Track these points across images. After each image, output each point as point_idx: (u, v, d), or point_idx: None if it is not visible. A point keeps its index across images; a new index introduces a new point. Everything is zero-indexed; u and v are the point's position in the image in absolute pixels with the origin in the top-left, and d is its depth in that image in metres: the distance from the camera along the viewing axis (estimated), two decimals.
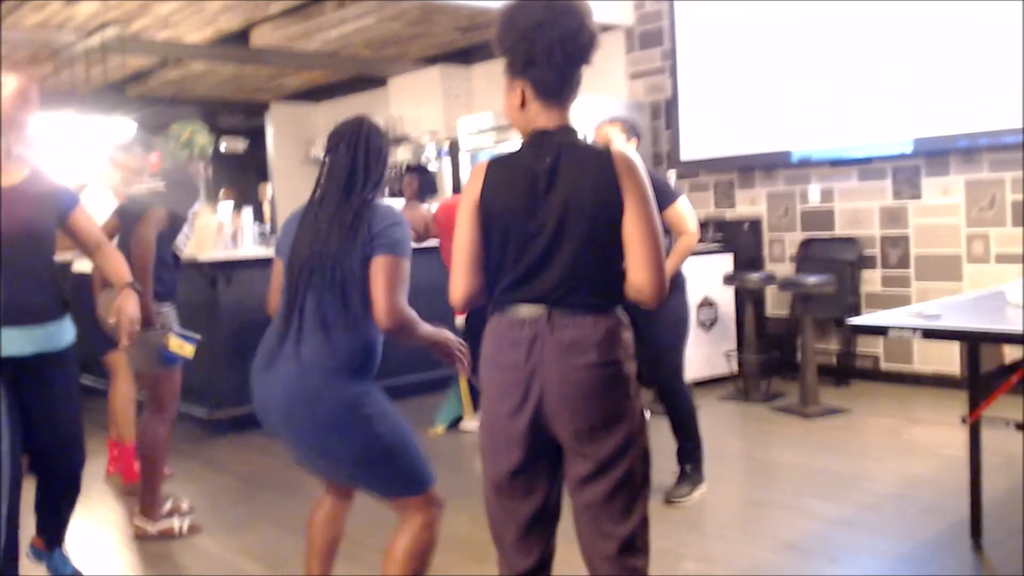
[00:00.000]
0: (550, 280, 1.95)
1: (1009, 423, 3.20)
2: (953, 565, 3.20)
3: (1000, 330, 2.93)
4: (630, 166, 1.96)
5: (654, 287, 1.95)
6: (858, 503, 3.88)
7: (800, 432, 5.16)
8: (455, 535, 3.72)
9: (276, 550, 3.64)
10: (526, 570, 2.08)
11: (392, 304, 2.32)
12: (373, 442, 2.38)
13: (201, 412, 5.73)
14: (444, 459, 4.93)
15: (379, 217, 2.38)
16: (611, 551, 1.99)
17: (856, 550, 3.38)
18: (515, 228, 1.96)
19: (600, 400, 1.95)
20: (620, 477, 1.98)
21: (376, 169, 2.46)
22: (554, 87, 1.99)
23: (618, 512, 1.99)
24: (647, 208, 1.95)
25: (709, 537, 3.60)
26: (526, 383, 1.96)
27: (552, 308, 1.95)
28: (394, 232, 2.37)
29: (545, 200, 1.94)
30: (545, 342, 1.94)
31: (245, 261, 5.76)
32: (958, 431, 3.47)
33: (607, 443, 1.96)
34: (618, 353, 1.97)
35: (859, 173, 6.33)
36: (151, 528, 3.82)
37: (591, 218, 1.93)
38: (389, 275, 2.33)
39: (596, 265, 1.96)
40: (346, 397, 2.36)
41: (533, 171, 1.96)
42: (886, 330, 2.99)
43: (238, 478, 4.88)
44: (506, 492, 2.05)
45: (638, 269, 1.95)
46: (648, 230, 1.95)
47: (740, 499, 4.18)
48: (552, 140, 1.97)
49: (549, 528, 2.09)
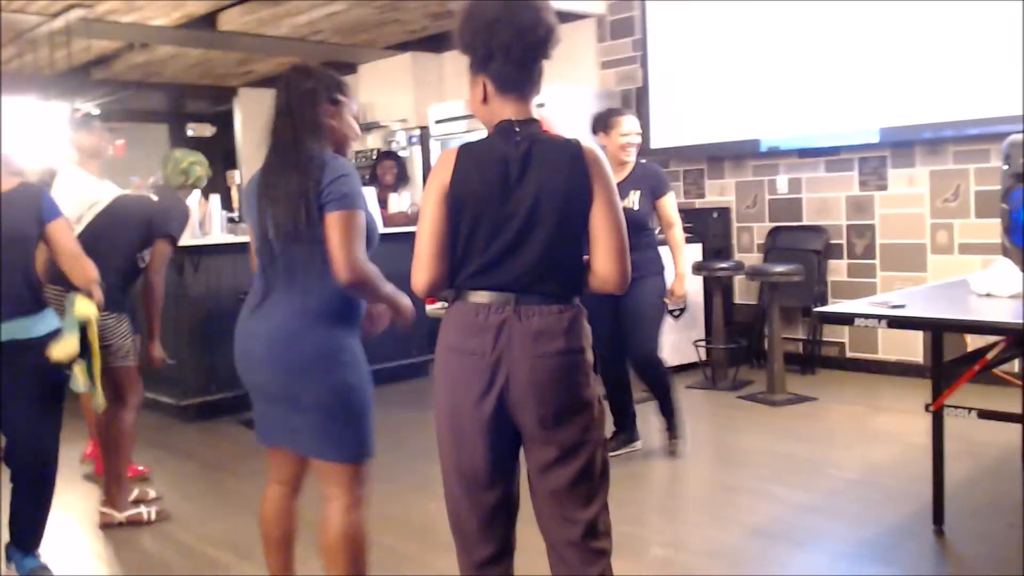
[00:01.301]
0: (519, 268, 1.96)
1: (971, 411, 3.25)
2: (916, 550, 3.25)
3: (964, 319, 2.98)
4: (598, 159, 2.01)
5: (619, 276, 2.01)
6: (823, 489, 3.94)
7: (767, 419, 5.22)
8: (421, 523, 3.73)
9: (245, 537, 3.62)
10: (487, 558, 2.10)
11: (348, 258, 2.28)
12: (342, 392, 2.37)
13: (169, 399, 5.68)
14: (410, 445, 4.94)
15: (328, 171, 2.33)
16: (575, 536, 2.02)
17: (821, 535, 3.43)
18: (487, 215, 1.96)
19: (566, 387, 1.98)
20: (584, 462, 2.01)
21: (309, 112, 2.42)
22: (514, 81, 2.01)
23: (582, 497, 2.02)
24: (614, 200, 2.01)
25: (676, 522, 3.64)
26: (491, 370, 1.96)
27: (519, 295, 1.97)
28: (342, 185, 2.32)
29: (518, 188, 1.96)
30: (513, 329, 1.96)
31: (213, 247, 5.72)
32: (922, 419, 3.52)
33: (570, 429, 2.00)
34: (581, 342, 2.01)
35: (826, 164, 6.39)
36: (118, 515, 3.80)
37: (561, 208, 1.96)
38: (342, 230, 2.29)
39: (563, 254, 1.99)
40: (326, 341, 2.37)
41: (506, 159, 1.97)
42: (852, 319, 3.03)
43: (207, 465, 4.86)
44: (470, 481, 2.06)
45: (605, 259, 2.00)
46: (615, 221, 1.99)
47: (707, 485, 4.22)
48: (522, 130, 2.00)
49: (511, 517, 2.12)
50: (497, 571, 2.12)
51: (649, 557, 3.26)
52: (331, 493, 2.44)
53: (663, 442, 4.55)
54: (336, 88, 2.49)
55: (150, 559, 3.53)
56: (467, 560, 2.13)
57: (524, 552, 2.19)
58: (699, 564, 3.21)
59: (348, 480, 2.43)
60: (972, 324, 3.01)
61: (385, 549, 3.21)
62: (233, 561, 3.41)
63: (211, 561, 3.44)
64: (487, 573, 2.11)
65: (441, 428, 2.09)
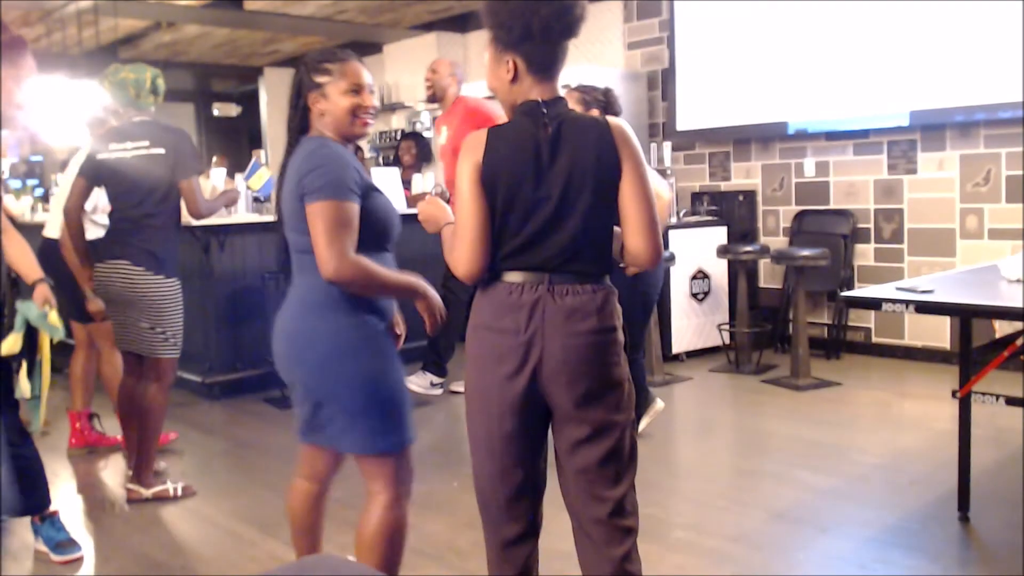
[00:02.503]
0: (553, 248, 1.97)
1: (999, 397, 3.22)
2: (940, 536, 3.23)
3: (994, 305, 2.94)
4: (626, 134, 2.00)
5: (650, 251, 2.00)
6: (847, 474, 3.92)
7: (791, 404, 5.19)
8: (445, 501, 3.76)
9: (270, 513, 3.66)
10: (514, 536, 2.11)
11: (328, 253, 2.16)
12: (367, 383, 2.28)
13: (195, 377, 5.74)
14: (432, 424, 4.96)
15: (301, 156, 2.27)
16: (603, 514, 2.03)
17: (845, 520, 3.42)
18: (520, 196, 1.95)
19: (598, 366, 1.99)
20: (614, 441, 2.02)
21: (298, 102, 2.36)
22: (548, 61, 2.00)
23: (611, 475, 2.03)
24: (643, 174, 2.00)
25: (699, 506, 3.63)
26: (525, 348, 1.97)
27: (553, 275, 1.97)
28: (319, 175, 2.20)
29: (551, 168, 1.96)
30: (547, 308, 1.96)
31: (239, 226, 5.74)
32: (948, 405, 3.49)
33: (601, 408, 2.00)
34: (614, 320, 2.02)
35: (855, 146, 6.32)
36: (145, 492, 3.84)
37: (594, 186, 1.96)
38: (322, 222, 2.17)
39: (596, 233, 1.99)
40: (343, 334, 2.28)
41: (536, 140, 1.96)
42: (879, 304, 3.00)
43: (231, 442, 4.91)
44: (498, 458, 2.07)
45: (635, 234, 1.99)
46: (644, 196, 1.99)
47: (730, 469, 4.21)
48: (550, 110, 1.99)
49: (537, 496, 2.12)
50: (523, 551, 2.12)
51: (672, 540, 3.26)
52: (372, 488, 2.37)
53: (687, 424, 4.53)
54: (315, 70, 2.33)
55: (175, 534, 3.58)
56: (494, 539, 2.13)
57: (548, 534, 2.20)
58: (722, 548, 3.20)
59: (389, 472, 2.36)
60: (1001, 310, 2.97)
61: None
62: (258, 537, 3.44)
63: (236, 536, 3.48)
64: (513, 552, 2.12)
65: (471, 406, 2.10)
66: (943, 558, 3.05)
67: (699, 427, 4.63)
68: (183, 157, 3.75)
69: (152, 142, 3.73)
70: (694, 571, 3.00)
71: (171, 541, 3.51)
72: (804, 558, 3.12)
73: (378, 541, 2.36)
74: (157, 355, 3.78)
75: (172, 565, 3.25)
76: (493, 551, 2.14)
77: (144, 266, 3.67)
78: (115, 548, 3.44)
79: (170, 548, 3.43)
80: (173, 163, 3.72)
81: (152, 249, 3.71)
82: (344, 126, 2.33)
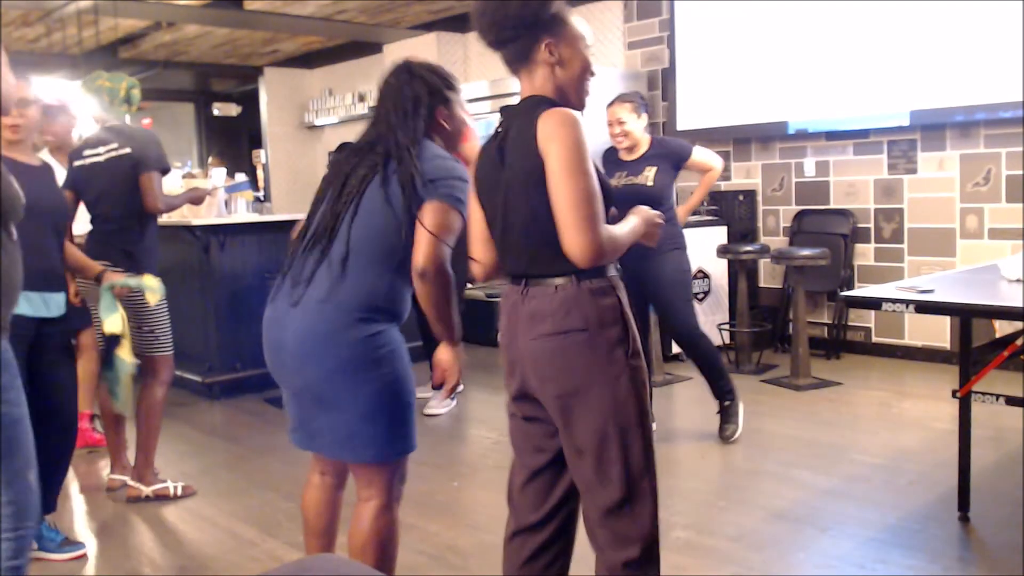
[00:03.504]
0: (515, 251, 2.02)
1: (999, 397, 3.22)
2: (940, 536, 3.23)
3: (994, 305, 2.94)
4: (553, 127, 1.88)
5: (581, 250, 1.86)
6: (847, 474, 3.92)
7: (791, 404, 5.19)
8: (445, 501, 3.76)
9: (270, 513, 3.66)
10: (532, 523, 2.12)
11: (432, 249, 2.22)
12: (380, 392, 2.23)
13: (195, 376, 5.74)
14: (433, 424, 4.96)
15: (434, 159, 2.32)
16: (596, 518, 2.02)
17: (845, 520, 3.42)
18: (488, 204, 2.09)
19: (562, 369, 1.94)
20: (595, 447, 1.97)
21: (419, 109, 2.37)
22: (508, 61, 2.05)
23: (598, 482, 1.99)
24: (562, 167, 1.86)
25: (700, 505, 3.63)
26: (508, 350, 2.07)
27: (526, 278, 2.00)
28: (457, 184, 2.30)
29: (501, 175, 2.01)
30: (518, 312, 2.01)
31: (239, 226, 5.75)
32: (948, 404, 3.49)
33: (578, 412, 1.96)
34: (575, 322, 1.92)
35: (855, 146, 6.32)
36: (145, 490, 3.84)
37: (523, 188, 1.94)
38: (435, 221, 2.22)
39: (547, 233, 1.90)
40: (364, 340, 2.21)
41: (493, 147, 2.05)
42: (879, 303, 3.00)
43: (231, 442, 4.91)
44: (513, 439, 2.18)
45: (562, 233, 1.87)
46: (566, 191, 1.85)
47: (731, 468, 4.21)
48: (509, 112, 2.05)
49: (559, 484, 2.11)
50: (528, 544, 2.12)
51: (672, 540, 3.26)
52: (365, 493, 2.34)
53: (687, 424, 4.54)
54: (449, 86, 2.38)
55: (175, 534, 3.58)
56: (513, 524, 2.17)
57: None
58: (722, 547, 3.20)
59: (384, 479, 2.32)
60: (1001, 310, 2.97)
61: (407, 527, 3.22)
62: (258, 537, 3.44)
63: (236, 536, 3.48)
64: (516, 543, 2.15)
65: None
66: (943, 558, 3.05)
67: (699, 427, 4.63)
68: (145, 154, 3.80)
69: (120, 143, 3.80)
70: (694, 571, 3.00)
71: (171, 541, 3.51)
72: (804, 558, 3.11)
73: (371, 546, 2.32)
74: (148, 354, 3.81)
75: (172, 565, 3.25)
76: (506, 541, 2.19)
77: (123, 267, 3.68)
78: (115, 549, 3.44)
79: (170, 548, 3.43)
80: (137, 160, 3.78)
81: (130, 250, 3.76)
82: (455, 145, 2.43)
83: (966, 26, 5.57)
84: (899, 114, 5.90)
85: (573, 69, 2.01)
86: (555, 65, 2.00)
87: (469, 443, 4.78)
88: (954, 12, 5.62)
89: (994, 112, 5.51)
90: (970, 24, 5.55)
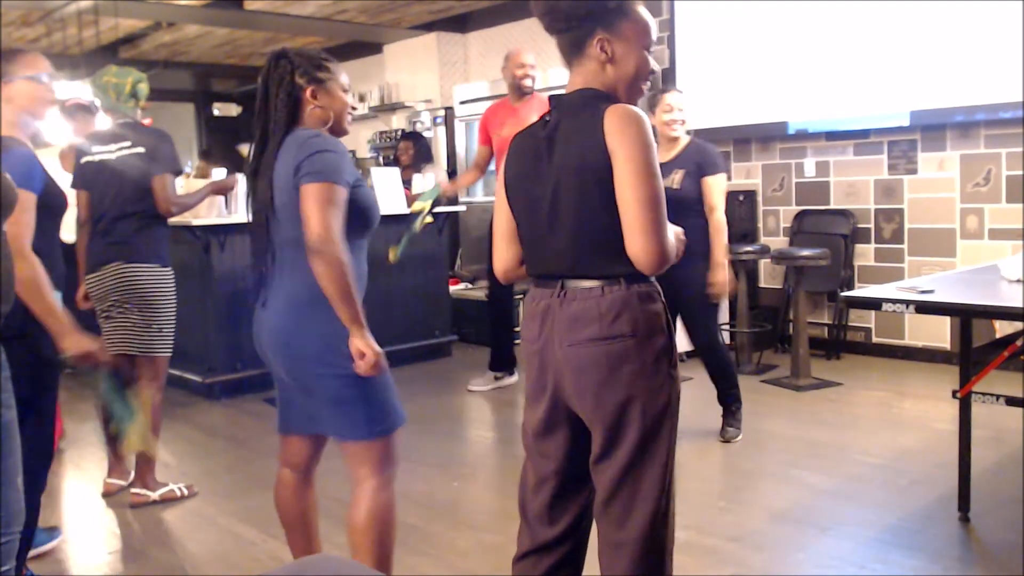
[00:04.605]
0: (556, 251, 1.91)
1: (999, 398, 3.22)
2: (941, 536, 3.23)
3: (994, 305, 2.94)
4: (623, 124, 1.81)
5: (649, 255, 1.79)
6: (848, 474, 3.92)
7: (791, 404, 5.19)
8: (445, 501, 3.75)
9: (270, 513, 3.63)
10: (548, 541, 2.02)
11: (321, 228, 2.19)
12: (353, 375, 2.27)
13: (195, 377, 5.74)
14: (433, 425, 4.96)
15: (297, 145, 2.30)
16: (616, 538, 1.92)
17: (845, 520, 3.42)
18: (522, 199, 1.98)
19: (604, 376, 1.85)
20: (626, 460, 1.89)
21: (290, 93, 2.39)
22: (560, 49, 1.97)
23: (625, 498, 1.91)
24: (636, 168, 1.79)
25: (700, 506, 3.63)
26: (540, 356, 1.95)
27: (564, 279, 1.90)
28: (319, 161, 2.25)
29: (546, 168, 1.92)
30: (554, 316, 1.90)
31: (239, 226, 5.74)
32: (948, 405, 3.49)
33: (615, 423, 1.88)
34: (623, 327, 1.84)
35: (855, 147, 6.32)
36: (152, 495, 3.82)
37: (579, 184, 1.85)
38: (316, 201, 2.22)
39: (599, 233, 1.85)
40: (328, 329, 2.26)
41: (536, 140, 1.96)
42: (880, 304, 3.00)
43: (232, 442, 4.91)
44: (532, 451, 2.06)
45: (629, 235, 1.80)
46: (637, 192, 1.78)
47: (731, 469, 4.21)
48: (558, 105, 1.96)
49: (576, 500, 2.02)
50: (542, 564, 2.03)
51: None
52: (359, 474, 2.39)
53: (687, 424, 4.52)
54: (318, 66, 2.38)
55: (176, 535, 3.58)
56: (527, 542, 2.06)
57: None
58: (723, 548, 3.20)
59: (375, 458, 2.37)
60: (1001, 310, 2.97)
61: (408, 528, 3.23)
62: (258, 537, 3.44)
63: (237, 536, 3.48)
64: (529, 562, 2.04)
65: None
66: (943, 558, 3.05)
67: (699, 427, 4.63)
68: (160, 154, 3.78)
69: (133, 142, 3.78)
70: (694, 571, 2.99)
71: (172, 541, 3.51)
72: (804, 558, 3.11)
73: (370, 526, 2.37)
74: (149, 354, 3.78)
75: (173, 565, 3.26)
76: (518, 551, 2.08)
77: (135, 260, 3.70)
78: (116, 550, 3.44)
79: (171, 548, 3.43)
80: (151, 160, 3.76)
81: (142, 243, 3.75)
82: (342, 121, 2.43)
83: (966, 26, 5.57)
84: (899, 114, 5.91)
85: (625, 69, 1.92)
86: (606, 63, 1.91)
87: (469, 443, 4.78)
88: (954, 12, 5.63)
89: (994, 112, 5.52)
90: (970, 24, 5.55)
